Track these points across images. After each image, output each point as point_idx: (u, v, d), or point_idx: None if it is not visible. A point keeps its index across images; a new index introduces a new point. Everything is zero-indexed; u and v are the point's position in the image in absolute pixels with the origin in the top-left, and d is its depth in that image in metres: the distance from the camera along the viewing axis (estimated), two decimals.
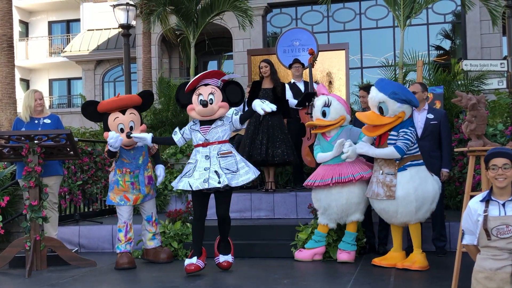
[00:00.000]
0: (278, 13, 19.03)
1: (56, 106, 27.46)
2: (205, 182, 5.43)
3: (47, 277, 5.75)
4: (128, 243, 6.22)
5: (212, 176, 5.44)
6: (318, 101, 6.19)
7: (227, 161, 5.56)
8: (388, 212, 5.64)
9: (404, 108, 5.51)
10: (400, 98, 5.45)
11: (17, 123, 6.79)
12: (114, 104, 6.09)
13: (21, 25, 27.49)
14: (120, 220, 6.24)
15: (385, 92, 5.49)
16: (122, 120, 6.04)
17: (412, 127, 5.61)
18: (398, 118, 5.52)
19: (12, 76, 11.32)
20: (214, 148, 5.58)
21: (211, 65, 23.09)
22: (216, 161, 5.54)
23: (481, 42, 16.93)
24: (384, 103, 5.51)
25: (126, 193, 6.22)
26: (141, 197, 6.29)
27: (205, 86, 5.63)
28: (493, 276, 3.45)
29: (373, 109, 5.66)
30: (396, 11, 9.58)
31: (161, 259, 6.35)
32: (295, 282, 5.17)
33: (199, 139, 5.64)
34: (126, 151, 6.21)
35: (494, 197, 3.55)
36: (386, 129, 5.57)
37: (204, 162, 5.55)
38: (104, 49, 24.75)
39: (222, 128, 5.65)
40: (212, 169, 5.49)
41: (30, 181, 6.08)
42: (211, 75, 5.70)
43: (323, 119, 6.10)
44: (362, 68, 18.36)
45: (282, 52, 10.03)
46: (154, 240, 6.46)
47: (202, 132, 5.62)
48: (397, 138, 5.52)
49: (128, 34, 12.56)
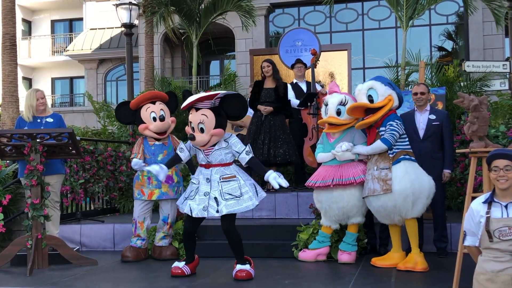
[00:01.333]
0: (280, 13, 19.02)
1: (58, 105, 27.47)
2: (204, 210, 5.25)
3: (49, 276, 5.75)
4: (139, 239, 6.49)
5: (212, 204, 5.25)
6: (333, 98, 6.05)
7: (230, 186, 5.31)
8: (387, 208, 5.62)
9: (391, 92, 5.76)
10: (386, 81, 5.83)
11: (20, 122, 6.81)
12: (144, 96, 6.54)
13: (23, 24, 27.51)
14: (134, 214, 6.54)
15: (371, 79, 5.89)
16: (154, 108, 6.42)
17: (399, 119, 5.75)
18: (389, 101, 5.72)
19: (15, 74, 11.31)
20: (216, 171, 5.35)
21: (214, 65, 23.11)
22: (217, 186, 5.30)
23: (483, 43, 16.91)
24: (372, 89, 5.79)
25: (143, 187, 6.51)
26: (157, 193, 6.43)
27: (196, 111, 5.24)
28: (495, 278, 3.44)
29: (362, 99, 5.84)
30: (398, 12, 9.58)
31: (165, 256, 6.41)
32: (296, 283, 5.16)
33: (201, 160, 5.43)
34: (148, 146, 6.48)
35: (497, 198, 3.55)
36: (381, 113, 5.70)
37: (205, 185, 5.35)
38: (107, 48, 24.77)
39: (226, 151, 5.37)
40: (212, 195, 5.28)
41: (32, 179, 6.09)
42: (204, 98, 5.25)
43: (338, 118, 6.00)
44: (364, 68, 18.34)
45: (284, 52, 10.04)
46: (164, 240, 6.55)
47: (205, 153, 5.38)
48: (385, 131, 5.66)
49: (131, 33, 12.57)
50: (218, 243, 6.51)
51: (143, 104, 6.46)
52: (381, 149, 5.67)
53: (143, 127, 6.41)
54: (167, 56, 21.54)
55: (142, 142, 6.56)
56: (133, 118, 6.55)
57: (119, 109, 6.63)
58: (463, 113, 8.28)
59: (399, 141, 5.70)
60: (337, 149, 5.89)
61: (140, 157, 6.45)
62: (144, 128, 6.41)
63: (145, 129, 6.41)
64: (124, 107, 6.59)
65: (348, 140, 5.97)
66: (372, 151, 5.75)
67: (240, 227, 7.02)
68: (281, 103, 7.91)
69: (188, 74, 20.96)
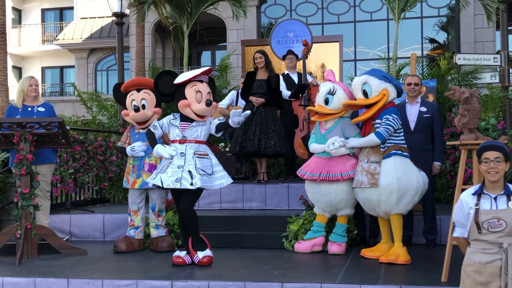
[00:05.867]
0: (272, 4, 18.99)
1: (48, 94, 27.32)
2: (177, 182, 5.33)
3: (38, 265, 5.74)
4: (132, 228, 6.49)
5: (185, 176, 5.34)
6: (323, 87, 6.06)
7: (203, 162, 5.46)
8: (371, 201, 5.63)
9: (386, 85, 5.65)
10: (380, 75, 5.71)
11: (10, 110, 6.78)
12: (131, 82, 6.55)
13: (14, 12, 27.27)
14: (128, 203, 6.56)
15: (366, 73, 5.80)
16: (135, 97, 6.39)
17: (396, 114, 5.65)
18: (383, 95, 5.62)
19: (5, 63, 11.24)
20: (191, 146, 5.48)
21: (205, 55, 23.03)
22: (192, 160, 5.42)
23: (474, 36, 16.97)
24: (366, 84, 5.70)
25: (128, 175, 6.53)
26: (139, 182, 6.40)
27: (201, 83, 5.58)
28: (482, 269, 3.46)
29: (358, 94, 5.78)
30: (390, 4, 9.57)
31: (162, 248, 6.34)
32: (285, 273, 5.17)
33: (177, 135, 5.52)
34: (133, 134, 6.50)
35: (486, 190, 3.56)
36: (375, 109, 5.63)
37: (178, 159, 5.43)
38: (97, 37, 24.62)
39: (202, 128, 5.54)
40: (186, 168, 5.37)
41: (22, 169, 6.05)
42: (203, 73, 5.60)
43: (325, 107, 5.99)
44: (355, 60, 18.37)
45: (276, 43, 10.00)
46: (158, 230, 6.51)
47: (181, 128, 5.51)
48: (380, 125, 5.60)
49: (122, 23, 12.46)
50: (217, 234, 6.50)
51: (129, 90, 6.49)
52: (374, 143, 5.61)
53: (124, 113, 6.49)
54: (158, 46, 21.45)
55: (129, 130, 6.62)
56: (124, 100, 6.59)
57: (116, 88, 6.70)
58: (453, 105, 8.31)
59: (394, 135, 5.63)
60: (330, 146, 5.86)
61: (127, 146, 6.50)
62: (125, 115, 6.49)
63: (125, 115, 6.49)
64: (118, 89, 6.67)
65: (338, 131, 5.95)
66: (365, 144, 5.71)
67: (230, 217, 7.08)
68: (273, 95, 7.90)
69: (179, 65, 20.88)
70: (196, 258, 5.54)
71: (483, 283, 3.45)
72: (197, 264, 5.52)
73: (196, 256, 5.54)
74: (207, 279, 4.98)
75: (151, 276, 5.16)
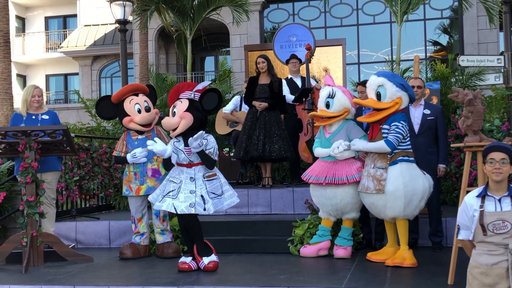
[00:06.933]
0: (275, 9, 19.01)
1: (53, 101, 27.40)
2: (191, 207, 5.36)
3: (44, 273, 5.74)
4: (138, 235, 6.47)
5: (198, 201, 5.39)
6: (323, 92, 6.07)
7: (213, 185, 5.52)
8: (377, 207, 5.62)
9: (401, 94, 5.54)
10: (399, 82, 5.56)
11: (15, 118, 6.80)
12: (126, 89, 6.44)
13: (17, 21, 27.38)
14: (131, 212, 6.52)
15: (385, 76, 5.64)
16: (137, 100, 6.35)
17: (404, 121, 5.60)
18: (396, 104, 5.53)
19: (9, 71, 11.26)
20: (199, 169, 5.51)
21: (208, 61, 23.08)
22: (202, 184, 5.47)
23: (478, 37, 16.94)
24: (382, 87, 5.56)
25: (130, 183, 6.42)
26: (144, 189, 6.36)
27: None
28: (489, 271, 3.45)
29: (370, 95, 5.70)
30: (393, 7, 9.58)
31: (167, 254, 6.33)
32: (291, 278, 5.16)
33: (183, 160, 5.53)
34: (131, 141, 6.41)
35: (490, 192, 3.55)
36: (384, 114, 5.56)
37: (189, 184, 5.47)
38: (101, 44, 24.70)
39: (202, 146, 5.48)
40: (198, 193, 5.42)
41: (27, 177, 6.07)
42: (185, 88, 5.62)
43: (327, 110, 6.00)
44: (359, 63, 18.36)
45: (279, 48, 10.02)
46: (163, 235, 6.48)
47: (186, 153, 5.50)
48: (389, 132, 5.54)
49: (125, 30, 12.53)
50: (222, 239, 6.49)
51: (125, 97, 6.37)
52: (383, 150, 5.55)
53: (127, 120, 6.31)
54: (162, 52, 21.50)
55: (124, 138, 6.49)
56: (113, 113, 6.46)
57: (99, 104, 6.50)
58: (457, 107, 8.29)
59: (401, 141, 5.59)
60: (334, 150, 5.85)
61: (124, 154, 6.42)
62: (129, 121, 6.30)
63: (129, 122, 6.30)
64: (105, 101, 6.46)
65: (343, 134, 5.93)
66: (373, 149, 5.64)
67: (235, 222, 7.08)
68: (276, 99, 7.91)
69: (183, 70, 20.92)
70: (202, 263, 5.53)
71: (490, 285, 3.45)
72: (203, 270, 5.51)
73: (201, 262, 5.54)
74: (213, 284, 4.98)
75: (157, 282, 5.15)
